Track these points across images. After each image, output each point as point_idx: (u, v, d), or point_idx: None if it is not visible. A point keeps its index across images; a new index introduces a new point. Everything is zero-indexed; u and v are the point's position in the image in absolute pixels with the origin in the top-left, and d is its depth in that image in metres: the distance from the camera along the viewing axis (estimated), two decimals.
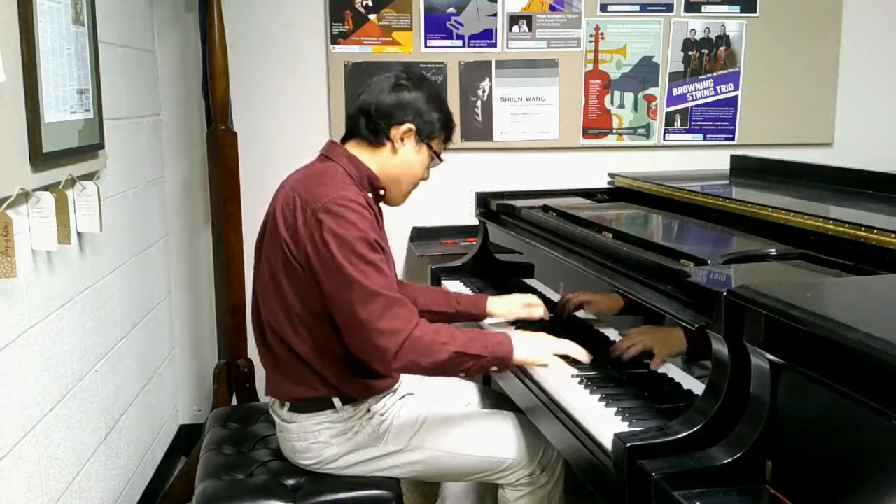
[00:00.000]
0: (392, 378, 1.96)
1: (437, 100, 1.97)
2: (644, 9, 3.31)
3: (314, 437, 1.90)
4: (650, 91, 3.37)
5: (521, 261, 2.55)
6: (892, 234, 1.59)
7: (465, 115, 3.28)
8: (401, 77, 1.94)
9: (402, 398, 2.00)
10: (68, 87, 2.00)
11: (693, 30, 3.35)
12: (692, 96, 3.39)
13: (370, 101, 1.92)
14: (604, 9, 3.30)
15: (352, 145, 1.96)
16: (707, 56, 3.37)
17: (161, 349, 3.07)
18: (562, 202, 2.52)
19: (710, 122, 3.42)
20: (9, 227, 1.64)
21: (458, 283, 2.71)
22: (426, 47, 3.24)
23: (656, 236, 2.20)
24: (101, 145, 2.27)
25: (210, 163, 2.96)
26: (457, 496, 2.27)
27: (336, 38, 3.20)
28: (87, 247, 2.24)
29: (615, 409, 1.62)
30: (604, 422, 1.57)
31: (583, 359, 1.86)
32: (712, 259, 1.65)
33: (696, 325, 1.46)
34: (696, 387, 1.58)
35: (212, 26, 2.84)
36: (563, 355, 1.87)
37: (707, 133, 3.42)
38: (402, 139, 1.92)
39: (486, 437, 1.96)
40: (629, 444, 1.37)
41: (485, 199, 2.77)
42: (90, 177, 2.18)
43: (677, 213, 2.30)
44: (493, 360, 1.81)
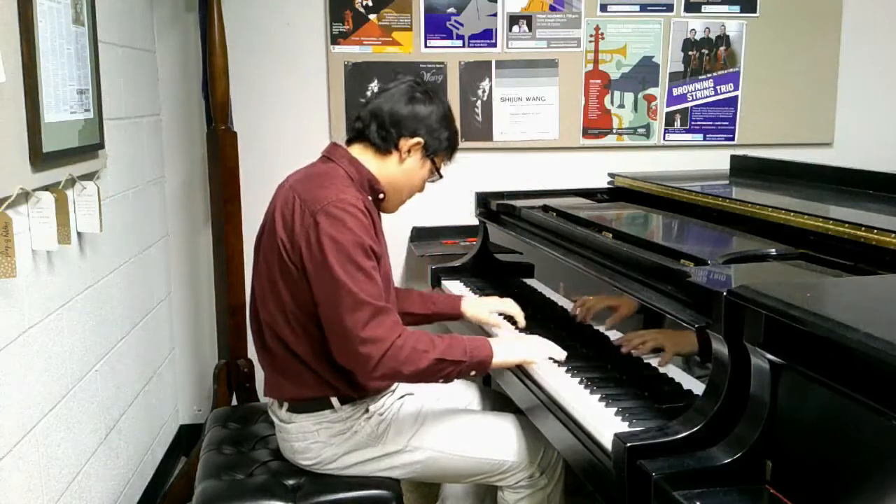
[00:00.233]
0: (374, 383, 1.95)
1: (448, 118, 1.98)
2: (644, 9, 3.31)
3: (313, 438, 1.90)
4: (650, 91, 3.37)
5: (521, 261, 2.55)
6: (892, 234, 1.59)
7: (465, 115, 3.28)
8: (416, 88, 1.94)
9: (402, 398, 2.00)
10: (68, 87, 2.00)
11: (693, 30, 3.35)
12: (692, 96, 3.39)
13: (384, 108, 1.92)
14: (604, 9, 3.29)
15: (357, 149, 1.95)
16: (707, 56, 3.37)
17: (161, 349, 3.07)
18: (562, 202, 2.52)
19: (710, 122, 3.42)
20: (9, 227, 1.63)
21: (458, 283, 2.71)
22: (426, 47, 3.24)
23: (656, 236, 2.20)
24: (101, 145, 2.27)
25: (210, 163, 2.96)
26: (457, 497, 2.27)
27: (336, 38, 3.20)
28: (87, 247, 2.24)
29: (615, 409, 1.62)
30: (604, 422, 1.57)
31: (559, 357, 1.89)
32: (712, 259, 1.65)
33: (696, 325, 1.46)
34: (696, 387, 1.58)
35: (212, 26, 2.84)
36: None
37: (707, 133, 3.42)
38: (409, 151, 1.93)
39: (486, 439, 1.96)
40: (629, 444, 1.37)
41: (485, 199, 2.77)
42: (90, 177, 2.18)
43: (677, 213, 2.30)
44: (472, 365, 1.83)
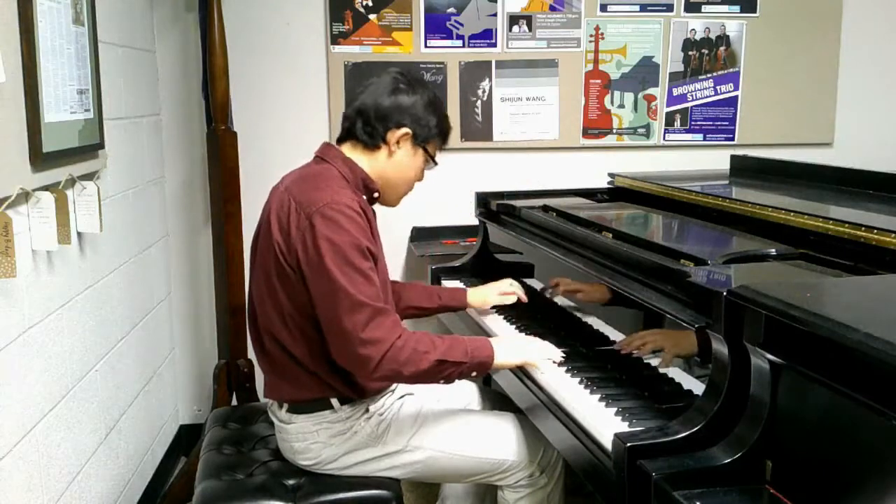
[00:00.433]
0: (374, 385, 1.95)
1: (434, 104, 1.96)
2: (644, 9, 3.31)
3: (313, 438, 1.90)
4: (650, 91, 3.37)
5: (521, 261, 2.55)
6: (892, 234, 1.59)
7: (465, 115, 3.28)
8: (399, 79, 1.93)
9: (402, 398, 2.00)
10: (68, 87, 2.00)
11: (693, 30, 3.35)
12: (692, 96, 3.39)
13: (368, 103, 1.91)
14: (604, 9, 3.29)
15: (347, 147, 1.95)
16: (707, 56, 3.37)
17: (161, 349, 3.07)
18: (562, 202, 2.52)
19: (710, 122, 3.42)
20: (9, 227, 1.63)
21: (458, 283, 2.70)
22: (426, 47, 3.24)
23: (656, 236, 2.20)
24: (101, 145, 2.27)
25: (210, 163, 2.96)
26: (457, 497, 2.27)
27: (336, 38, 3.20)
28: (87, 247, 2.24)
29: (615, 409, 1.62)
30: (604, 422, 1.57)
31: (556, 358, 1.89)
32: (712, 259, 1.65)
33: (696, 325, 1.46)
34: (696, 387, 1.58)
35: (212, 26, 2.84)
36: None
37: (707, 133, 3.42)
38: (398, 143, 1.92)
39: (486, 438, 1.96)
40: (629, 444, 1.37)
41: (485, 199, 2.77)
42: (90, 177, 2.18)
43: (677, 213, 2.30)
44: (473, 365, 1.82)
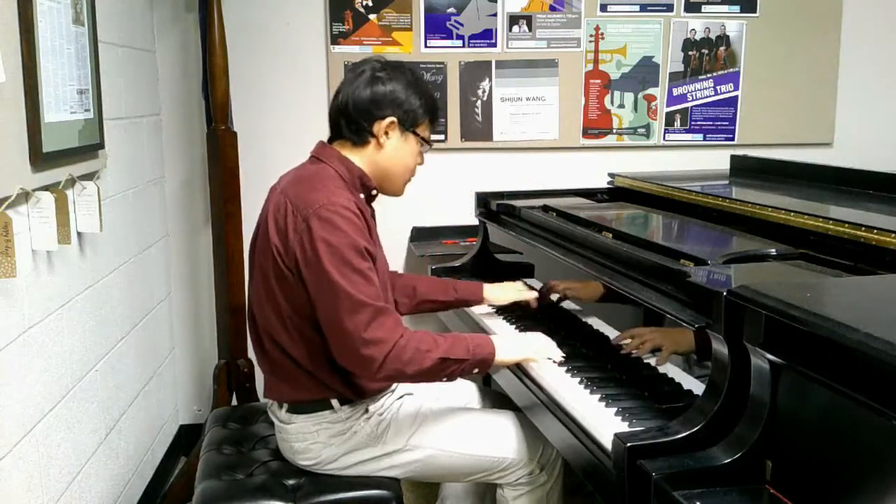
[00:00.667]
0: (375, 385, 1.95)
1: (415, 85, 1.92)
2: (644, 9, 3.31)
3: (313, 438, 1.90)
4: (650, 91, 3.37)
5: (521, 261, 2.55)
6: (892, 234, 1.59)
7: (465, 115, 3.28)
8: (375, 68, 1.91)
9: (401, 398, 2.00)
10: (68, 87, 2.00)
11: (693, 30, 3.35)
12: (692, 96, 3.39)
13: (346, 100, 1.89)
14: (604, 9, 3.29)
15: (338, 145, 1.94)
16: (707, 56, 3.37)
17: (161, 349, 3.07)
18: (562, 202, 2.52)
19: (710, 122, 3.41)
20: (9, 227, 1.63)
21: None
22: (426, 47, 3.24)
23: (656, 236, 2.20)
24: (101, 145, 2.27)
25: (210, 163, 2.96)
26: (457, 496, 2.27)
27: (336, 38, 3.20)
28: (87, 247, 2.24)
29: (615, 409, 1.62)
30: (604, 422, 1.57)
31: (556, 358, 1.90)
32: (712, 259, 1.65)
33: (696, 325, 1.46)
34: (696, 387, 1.58)
35: (212, 26, 2.84)
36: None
37: (707, 133, 3.42)
38: (385, 133, 1.90)
39: (485, 437, 1.96)
40: (629, 444, 1.37)
41: (485, 199, 2.77)
42: (90, 177, 2.18)
43: (677, 213, 2.30)
44: (475, 363, 1.82)
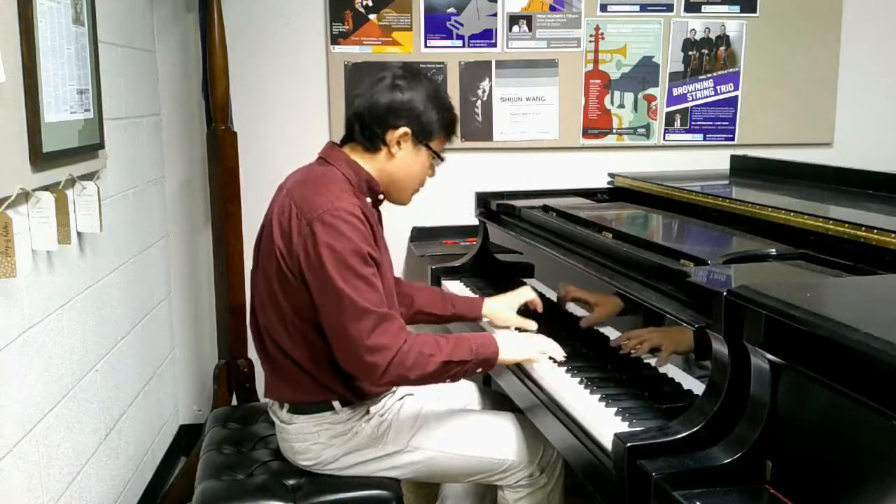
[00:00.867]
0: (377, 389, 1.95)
1: (434, 98, 1.89)
2: (644, 9, 3.31)
3: (313, 439, 1.89)
4: (650, 91, 3.37)
5: (521, 261, 2.55)
6: (892, 234, 1.59)
7: (465, 115, 3.28)
8: (396, 76, 1.88)
9: (402, 399, 2.00)
10: (68, 87, 2.00)
11: (693, 30, 3.35)
12: (692, 96, 3.39)
13: (363, 105, 1.87)
14: (604, 9, 3.29)
15: (349, 149, 1.92)
16: (707, 56, 3.37)
17: (161, 349, 3.07)
18: (562, 202, 2.52)
19: (710, 122, 3.41)
20: (9, 227, 1.63)
21: (458, 283, 2.71)
22: (426, 47, 3.24)
23: (656, 236, 2.20)
24: (101, 145, 2.27)
25: (210, 163, 2.96)
26: (457, 496, 2.27)
27: (336, 38, 3.20)
28: (87, 247, 2.24)
29: (615, 409, 1.62)
30: (604, 422, 1.57)
31: (558, 356, 1.89)
32: (712, 259, 1.65)
33: (696, 325, 1.46)
34: (696, 387, 1.58)
35: (212, 26, 2.84)
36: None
37: (707, 133, 3.42)
38: (398, 143, 1.87)
39: (486, 438, 1.96)
40: (629, 444, 1.37)
41: (485, 199, 2.77)
42: (90, 177, 2.18)
43: (677, 213, 2.30)
44: (478, 362, 1.83)
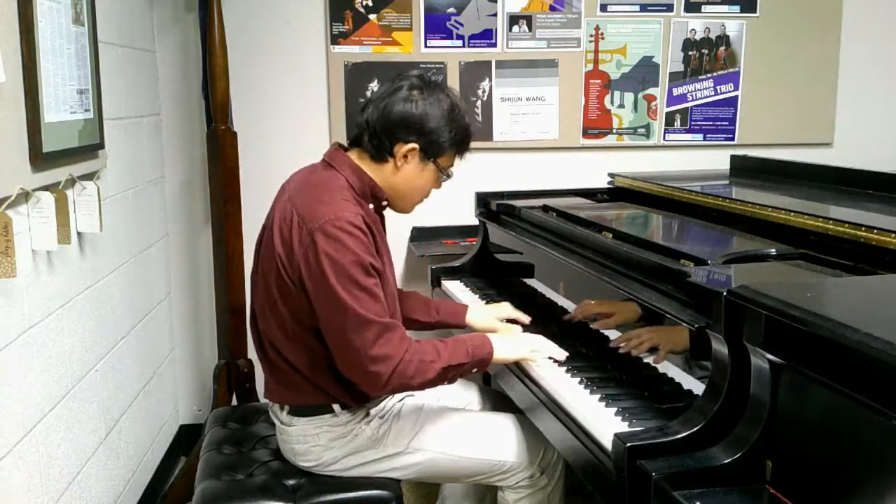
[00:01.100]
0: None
1: (448, 115, 1.83)
2: (644, 9, 3.31)
3: (314, 441, 1.89)
4: (650, 91, 3.37)
5: (521, 261, 2.55)
6: (892, 234, 1.59)
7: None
8: (413, 86, 1.83)
9: (402, 400, 2.00)
10: (68, 87, 2.00)
11: (693, 30, 3.34)
12: (692, 96, 3.39)
13: (376, 114, 1.82)
14: (604, 9, 3.29)
15: (355, 154, 1.89)
16: (707, 56, 3.37)
17: (161, 349, 3.07)
18: (562, 202, 2.52)
19: (710, 122, 3.41)
20: (9, 227, 1.63)
21: (458, 283, 2.71)
22: (426, 47, 3.24)
23: (656, 236, 2.20)
24: (101, 145, 2.27)
25: (210, 163, 2.96)
26: (456, 496, 2.27)
27: (336, 38, 3.20)
28: (87, 247, 2.24)
29: (615, 409, 1.62)
30: (604, 422, 1.57)
31: (559, 356, 1.88)
32: (712, 259, 1.65)
33: (696, 325, 1.46)
34: (696, 387, 1.58)
35: (212, 26, 2.84)
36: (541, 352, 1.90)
37: (707, 133, 3.42)
38: (405, 157, 1.84)
39: (486, 440, 1.96)
40: (629, 444, 1.37)
41: (485, 199, 2.77)
42: (90, 177, 2.18)
43: (677, 213, 2.30)
44: (474, 363, 1.83)
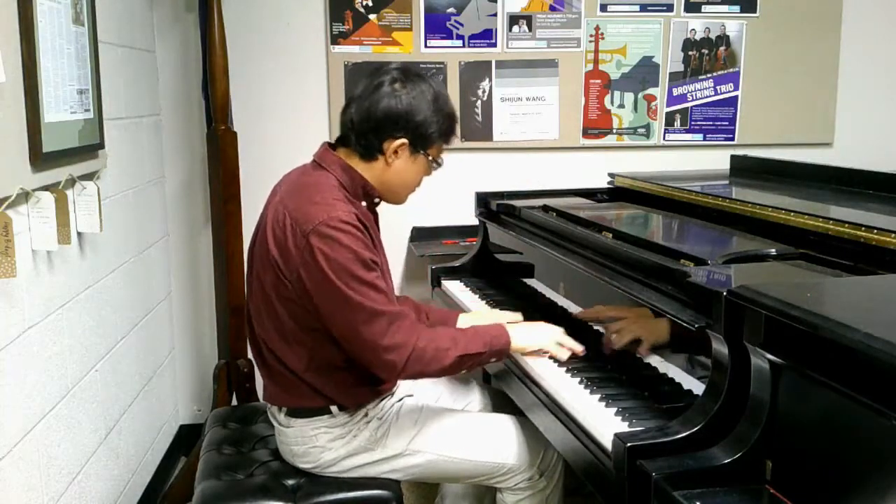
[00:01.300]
0: (390, 384, 1.96)
1: (433, 105, 1.81)
2: (644, 9, 3.31)
3: (312, 442, 1.89)
4: (650, 91, 3.37)
5: (521, 261, 2.55)
6: (892, 234, 1.59)
7: (465, 115, 3.28)
8: (395, 80, 1.81)
9: (401, 400, 1.99)
10: (68, 87, 2.00)
11: (693, 30, 3.34)
12: (692, 96, 3.39)
13: (360, 113, 1.80)
14: (604, 9, 3.29)
15: (344, 153, 1.87)
16: (707, 56, 3.37)
17: (161, 349, 3.07)
18: (562, 202, 2.52)
19: (710, 122, 3.41)
20: (9, 227, 1.63)
21: (458, 283, 2.70)
22: (426, 47, 3.24)
23: (656, 236, 2.20)
24: (101, 145, 2.27)
25: (210, 163, 2.96)
26: (455, 496, 2.27)
27: (336, 38, 3.20)
28: (87, 247, 2.24)
29: (615, 409, 1.62)
30: (604, 422, 1.57)
31: (577, 349, 1.89)
32: (712, 259, 1.65)
33: (697, 325, 1.46)
34: (696, 387, 1.58)
35: (212, 26, 2.84)
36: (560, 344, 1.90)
37: (707, 133, 3.42)
38: (395, 153, 1.82)
39: (486, 442, 1.95)
40: (629, 444, 1.37)
41: (485, 199, 2.77)
42: (90, 177, 2.18)
43: (677, 213, 2.30)
44: (492, 353, 1.85)
